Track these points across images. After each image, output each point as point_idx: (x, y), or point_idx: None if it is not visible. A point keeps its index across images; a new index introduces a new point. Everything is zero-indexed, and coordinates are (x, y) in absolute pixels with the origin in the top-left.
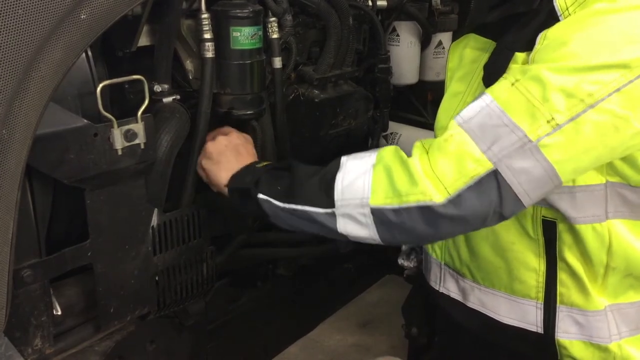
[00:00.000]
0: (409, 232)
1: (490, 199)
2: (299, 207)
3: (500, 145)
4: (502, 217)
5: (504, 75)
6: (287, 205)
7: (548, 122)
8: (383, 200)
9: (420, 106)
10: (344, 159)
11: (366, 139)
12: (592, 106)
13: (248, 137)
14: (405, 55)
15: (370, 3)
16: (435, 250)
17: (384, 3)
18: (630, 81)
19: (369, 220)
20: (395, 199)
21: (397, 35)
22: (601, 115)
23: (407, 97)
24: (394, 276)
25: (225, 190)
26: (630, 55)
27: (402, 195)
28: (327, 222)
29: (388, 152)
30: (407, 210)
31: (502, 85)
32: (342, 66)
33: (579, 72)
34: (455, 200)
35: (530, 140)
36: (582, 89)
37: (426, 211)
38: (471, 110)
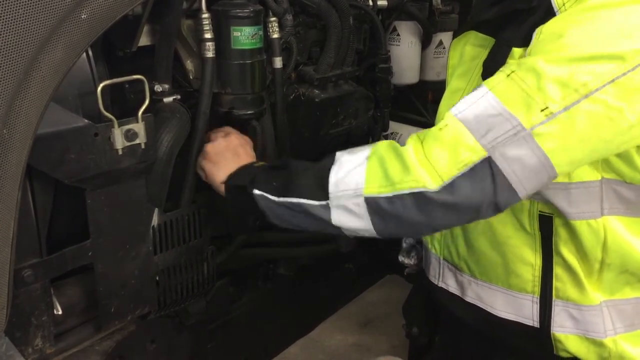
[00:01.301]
0: (403, 221)
1: (483, 187)
2: (294, 199)
3: (494, 134)
4: (496, 208)
5: (501, 69)
6: (282, 199)
7: (542, 110)
8: (377, 189)
9: (420, 106)
10: (338, 153)
11: (367, 139)
12: (586, 96)
13: (247, 139)
14: (405, 55)
15: (370, 3)
16: (434, 245)
17: (385, 3)
18: (624, 73)
19: (363, 210)
20: (388, 187)
21: (398, 35)
22: (595, 106)
23: (408, 96)
24: (394, 276)
25: (222, 188)
26: (625, 47)
27: (396, 183)
28: (321, 214)
29: (383, 144)
30: (400, 197)
31: (498, 77)
32: (343, 66)
33: (573, 62)
34: (449, 187)
35: (524, 129)
36: (576, 79)
37: (419, 197)
38: (467, 101)
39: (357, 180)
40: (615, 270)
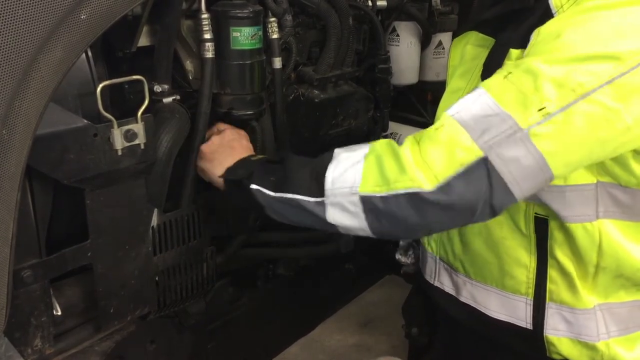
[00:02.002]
0: (397, 220)
1: (479, 188)
2: (290, 195)
3: (490, 134)
4: (492, 210)
5: (498, 70)
6: (278, 195)
7: (539, 110)
8: (372, 188)
9: (420, 106)
10: (337, 150)
11: (366, 139)
12: (583, 96)
13: (242, 132)
14: (405, 56)
15: (370, 3)
16: (431, 245)
17: (384, 3)
18: (622, 74)
19: (358, 208)
20: (384, 187)
21: (397, 35)
22: (592, 106)
23: (407, 97)
24: (394, 276)
25: (221, 183)
26: (621, 47)
27: (391, 183)
28: (316, 211)
29: (381, 142)
30: (396, 197)
31: (495, 78)
32: (342, 66)
33: (570, 62)
34: (445, 187)
35: (520, 129)
36: (573, 79)
37: (414, 198)
38: (464, 102)
39: (354, 178)
40: (610, 274)
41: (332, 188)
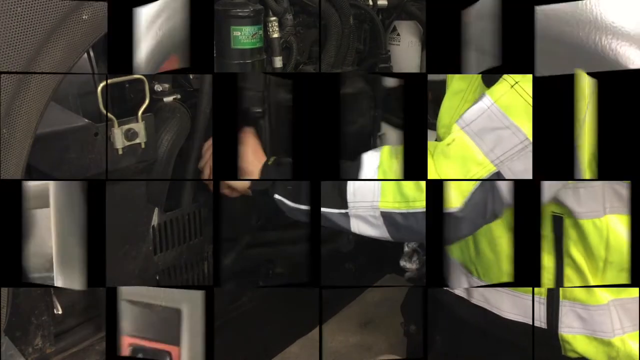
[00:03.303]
0: (417, 233)
1: (489, 196)
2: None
3: (502, 148)
4: (497, 215)
5: (504, 76)
6: (301, 207)
7: None
8: (392, 204)
9: None
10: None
11: (367, 139)
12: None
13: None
14: (405, 55)
15: (370, 2)
16: (454, 252)
17: (385, 2)
18: None
19: (380, 222)
20: (403, 204)
21: (398, 34)
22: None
23: None
24: (394, 276)
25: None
26: None
27: (410, 201)
28: (340, 222)
29: (387, 154)
30: (414, 214)
31: (502, 87)
32: (343, 65)
33: None
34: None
35: (531, 142)
36: None
37: None
38: (472, 113)
39: (374, 192)
40: (615, 268)
41: (354, 200)
